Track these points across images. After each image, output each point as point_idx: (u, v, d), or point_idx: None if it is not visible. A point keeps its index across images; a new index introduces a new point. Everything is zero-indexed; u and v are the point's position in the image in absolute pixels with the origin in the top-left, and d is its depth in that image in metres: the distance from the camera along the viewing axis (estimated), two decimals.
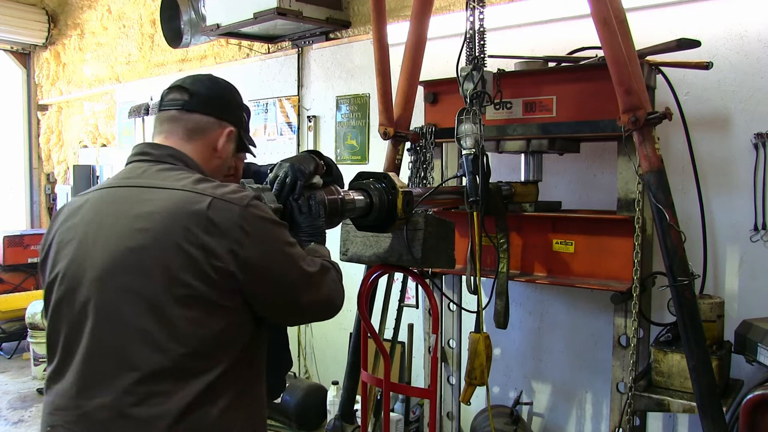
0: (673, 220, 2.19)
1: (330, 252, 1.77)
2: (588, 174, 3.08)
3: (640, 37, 2.38)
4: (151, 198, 1.41)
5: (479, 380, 2.26)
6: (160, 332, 1.33)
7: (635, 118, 2.20)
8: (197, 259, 1.34)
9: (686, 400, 2.31)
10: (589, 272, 2.62)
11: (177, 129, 1.57)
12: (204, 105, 1.59)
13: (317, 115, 4.36)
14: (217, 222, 1.36)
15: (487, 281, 2.82)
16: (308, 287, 1.53)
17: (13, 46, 7.30)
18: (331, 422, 3.27)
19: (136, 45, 5.96)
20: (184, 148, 1.55)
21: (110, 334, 1.36)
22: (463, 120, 2.29)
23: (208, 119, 1.59)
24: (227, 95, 1.68)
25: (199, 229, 1.35)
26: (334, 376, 3.88)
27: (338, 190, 1.83)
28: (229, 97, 1.68)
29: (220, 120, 1.61)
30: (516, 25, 3.26)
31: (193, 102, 1.58)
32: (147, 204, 1.40)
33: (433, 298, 2.27)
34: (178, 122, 1.57)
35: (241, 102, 1.73)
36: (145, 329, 1.33)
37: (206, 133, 1.59)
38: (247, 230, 1.38)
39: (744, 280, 2.69)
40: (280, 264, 1.45)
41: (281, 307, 1.51)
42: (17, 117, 7.47)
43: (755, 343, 2.32)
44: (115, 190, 1.48)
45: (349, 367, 3.01)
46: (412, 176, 2.93)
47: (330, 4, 4.08)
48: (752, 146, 2.63)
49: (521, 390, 3.25)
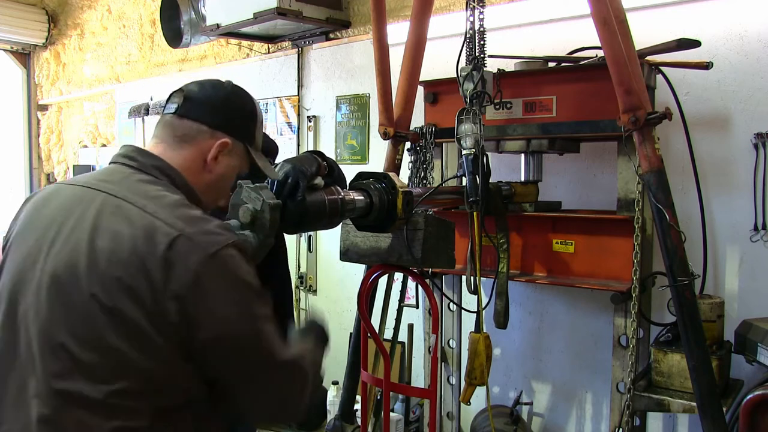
0: (673, 220, 2.19)
1: (318, 349, 1.53)
2: (588, 174, 3.08)
3: (640, 37, 2.38)
4: (119, 214, 1.27)
5: (479, 380, 2.26)
6: (84, 359, 1.19)
7: (635, 118, 2.20)
8: (142, 296, 1.18)
9: (686, 400, 2.31)
10: (589, 272, 2.62)
11: (167, 136, 1.44)
12: (196, 110, 1.44)
13: (317, 115, 4.35)
14: (174, 263, 1.19)
15: (487, 281, 2.82)
16: (267, 379, 1.29)
17: (13, 46, 7.30)
18: (331, 422, 3.27)
19: (136, 45, 5.96)
20: (172, 158, 1.41)
21: (33, 348, 1.24)
22: (463, 120, 2.29)
23: (199, 127, 1.44)
24: (231, 103, 1.50)
25: (154, 265, 1.19)
26: (334, 376, 3.88)
27: (338, 191, 1.83)
28: (234, 104, 1.51)
29: (213, 129, 1.44)
30: (516, 25, 3.26)
31: (186, 107, 1.44)
32: (112, 220, 1.26)
33: (433, 298, 2.27)
34: (170, 128, 1.44)
35: (253, 112, 1.55)
36: (71, 353, 1.19)
37: (195, 142, 1.43)
38: (202, 284, 1.19)
39: (744, 280, 2.69)
40: (239, 338, 1.24)
41: (226, 390, 1.29)
42: (17, 117, 7.46)
43: (755, 343, 2.32)
44: (88, 191, 1.34)
45: (349, 367, 3.01)
46: (412, 176, 2.93)
47: (330, 4, 4.07)
48: (752, 146, 2.63)
49: (521, 390, 3.25)
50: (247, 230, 1.69)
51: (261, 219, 1.66)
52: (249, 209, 1.68)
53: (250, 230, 1.69)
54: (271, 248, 1.74)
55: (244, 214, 1.68)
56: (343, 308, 4.24)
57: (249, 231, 1.69)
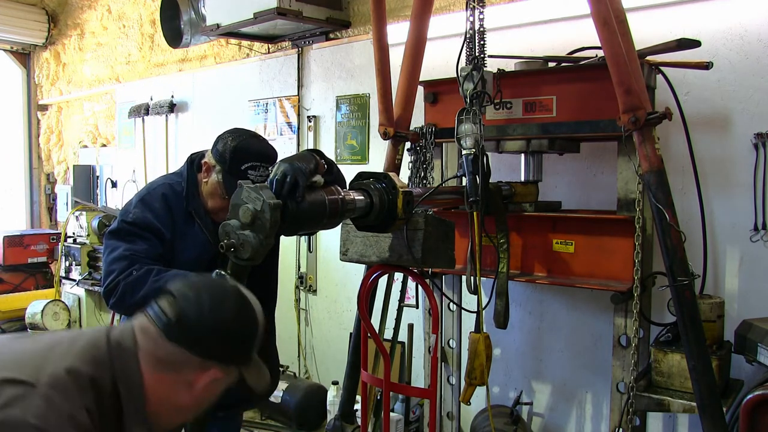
0: (673, 220, 2.19)
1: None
2: (588, 174, 3.08)
3: (640, 37, 2.38)
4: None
5: (479, 380, 2.26)
6: None
7: (635, 118, 2.20)
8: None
9: (686, 400, 2.31)
10: (589, 272, 2.62)
11: (146, 349, 1.26)
12: (188, 338, 1.24)
13: (317, 115, 4.36)
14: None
15: (487, 281, 2.82)
16: None
17: (13, 46, 7.30)
18: (331, 422, 3.27)
19: (136, 45, 5.96)
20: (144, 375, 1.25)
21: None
22: (463, 120, 2.29)
23: (188, 357, 1.25)
24: (233, 331, 1.29)
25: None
26: (334, 376, 3.88)
27: (339, 190, 1.82)
28: (235, 332, 1.29)
29: (204, 359, 1.26)
30: (516, 25, 3.26)
31: (176, 331, 1.24)
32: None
33: (433, 298, 2.27)
34: (152, 344, 1.26)
35: (254, 333, 1.33)
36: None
37: (179, 370, 1.26)
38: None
39: (744, 280, 2.69)
40: None
41: None
42: (17, 117, 7.47)
43: (755, 343, 2.32)
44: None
45: (349, 367, 3.01)
46: (412, 176, 2.93)
47: (330, 4, 4.07)
48: (752, 146, 2.63)
49: (521, 390, 3.25)
50: (247, 230, 1.69)
51: (261, 219, 1.66)
52: (249, 209, 1.68)
53: (250, 230, 1.69)
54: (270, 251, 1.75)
55: (245, 214, 1.68)
56: (343, 308, 4.24)
57: (249, 231, 1.69)
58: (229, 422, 2.37)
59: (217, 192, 2.05)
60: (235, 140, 2.04)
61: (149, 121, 5.67)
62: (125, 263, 1.95)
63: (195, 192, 2.12)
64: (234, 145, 2.02)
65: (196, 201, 2.11)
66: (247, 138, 2.07)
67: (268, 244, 1.71)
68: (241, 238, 1.70)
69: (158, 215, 2.05)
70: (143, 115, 5.62)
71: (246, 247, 1.70)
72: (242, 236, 1.70)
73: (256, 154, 2.03)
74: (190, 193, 2.12)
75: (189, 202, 2.11)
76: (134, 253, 1.97)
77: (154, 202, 2.08)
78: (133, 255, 1.96)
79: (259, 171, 2.00)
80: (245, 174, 1.98)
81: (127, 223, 2.03)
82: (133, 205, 2.10)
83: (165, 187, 2.13)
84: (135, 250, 1.97)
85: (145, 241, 2.01)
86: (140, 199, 2.10)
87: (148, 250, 1.99)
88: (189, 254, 2.07)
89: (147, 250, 1.99)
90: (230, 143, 2.03)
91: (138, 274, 1.91)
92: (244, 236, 1.69)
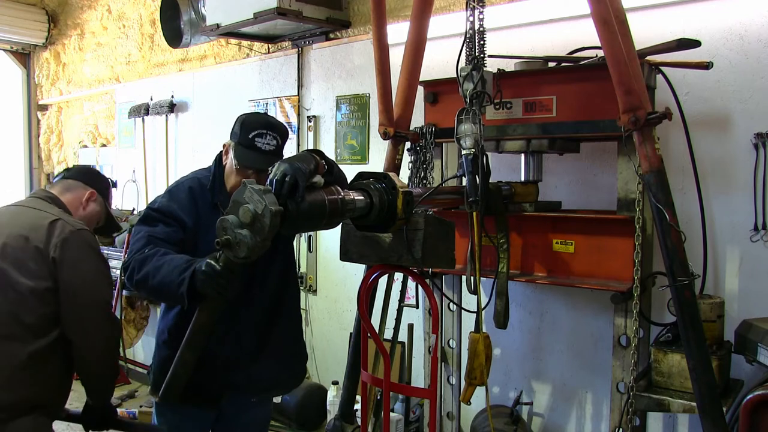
0: (673, 220, 2.19)
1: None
2: (588, 174, 3.08)
3: (640, 37, 2.38)
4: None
5: (479, 380, 2.26)
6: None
7: (635, 118, 2.20)
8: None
9: (686, 400, 2.31)
10: (589, 272, 2.62)
11: (60, 186, 2.48)
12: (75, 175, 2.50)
13: (317, 115, 4.36)
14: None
15: (487, 281, 2.82)
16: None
17: (13, 46, 7.29)
18: (331, 422, 3.27)
19: (136, 45, 5.96)
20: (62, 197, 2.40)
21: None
22: (463, 120, 2.29)
23: (76, 183, 2.45)
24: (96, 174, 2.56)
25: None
26: (334, 376, 3.88)
27: (338, 190, 1.82)
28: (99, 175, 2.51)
29: (85, 184, 2.44)
30: (516, 25, 3.26)
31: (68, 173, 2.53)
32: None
33: (433, 298, 2.27)
34: (61, 183, 2.48)
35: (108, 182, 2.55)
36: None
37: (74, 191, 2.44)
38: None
39: (744, 280, 2.69)
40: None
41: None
42: (17, 117, 7.46)
43: (755, 343, 2.32)
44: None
45: (349, 367, 3.01)
46: (412, 176, 2.93)
47: (330, 4, 4.07)
48: (752, 146, 2.63)
49: (521, 390, 3.25)
50: (245, 230, 1.69)
51: (260, 222, 1.66)
52: (250, 210, 1.67)
53: (248, 230, 1.69)
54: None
55: (245, 214, 1.68)
56: (343, 308, 4.24)
57: (247, 231, 1.69)
58: (262, 409, 2.54)
59: (233, 169, 2.24)
60: (244, 115, 2.29)
61: (149, 121, 5.67)
62: (141, 243, 2.15)
63: (221, 185, 2.30)
64: (243, 118, 2.26)
65: (222, 194, 2.28)
66: (255, 113, 2.22)
67: (264, 246, 1.71)
68: (237, 237, 1.70)
69: (182, 205, 2.26)
70: (143, 115, 5.62)
71: (242, 246, 1.70)
72: (239, 235, 1.70)
73: (263, 123, 2.23)
74: (216, 186, 2.30)
75: (215, 195, 2.29)
76: (152, 235, 2.17)
77: (180, 193, 2.30)
78: (150, 236, 2.17)
79: (266, 139, 2.20)
80: (253, 142, 2.17)
81: (152, 210, 2.26)
82: (161, 196, 2.34)
83: (193, 180, 2.34)
84: (154, 233, 2.18)
85: (166, 226, 2.21)
86: (168, 191, 2.35)
87: (168, 233, 2.19)
88: (213, 244, 2.15)
89: (167, 233, 2.19)
90: (240, 118, 2.26)
91: (147, 253, 2.09)
92: (241, 235, 1.69)
